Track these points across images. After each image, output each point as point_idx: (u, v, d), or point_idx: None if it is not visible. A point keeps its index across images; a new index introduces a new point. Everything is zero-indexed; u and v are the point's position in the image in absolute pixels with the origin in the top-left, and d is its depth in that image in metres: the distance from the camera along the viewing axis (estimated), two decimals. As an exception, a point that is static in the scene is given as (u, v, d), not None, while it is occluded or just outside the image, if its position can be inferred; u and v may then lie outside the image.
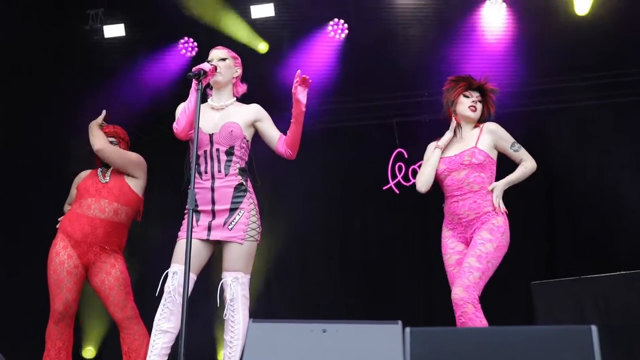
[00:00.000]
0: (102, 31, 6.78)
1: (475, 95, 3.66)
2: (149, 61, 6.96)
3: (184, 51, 6.78)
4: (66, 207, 4.50)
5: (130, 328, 4.11)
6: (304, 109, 3.29)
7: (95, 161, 4.47)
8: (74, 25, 6.86)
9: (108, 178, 4.29)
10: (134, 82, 6.98)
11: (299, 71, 3.29)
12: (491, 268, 3.28)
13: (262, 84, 6.63)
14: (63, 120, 6.76)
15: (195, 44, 6.78)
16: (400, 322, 2.15)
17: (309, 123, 6.80)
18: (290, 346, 2.05)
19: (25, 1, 6.37)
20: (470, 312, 3.14)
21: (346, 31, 6.46)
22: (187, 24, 6.70)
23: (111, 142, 4.36)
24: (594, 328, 1.48)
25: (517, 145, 3.57)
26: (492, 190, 3.44)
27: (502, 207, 3.42)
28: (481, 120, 3.68)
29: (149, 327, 3.19)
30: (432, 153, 3.61)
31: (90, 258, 4.14)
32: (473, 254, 3.27)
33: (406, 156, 6.55)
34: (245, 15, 6.52)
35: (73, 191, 4.46)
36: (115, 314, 4.15)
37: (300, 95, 3.26)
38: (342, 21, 6.44)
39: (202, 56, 6.64)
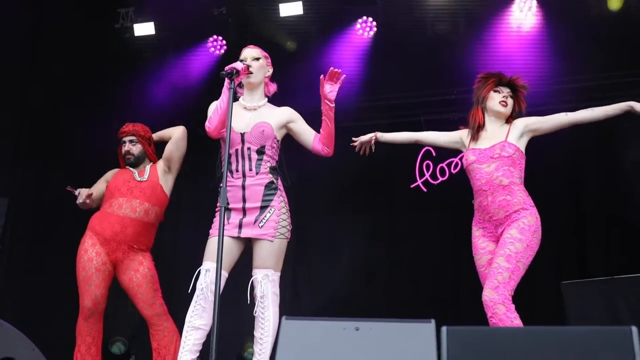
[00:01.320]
0: (133, 29, 6.85)
1: (506, 91, 3.64)
2: (178, 59, 7.01)
3: (212, 49, 6.82)
4: (81, 192, 4.32)
5: (159, 325, 4.15)
6: (332, 104, 3.30)
7: (120, 162, 4.52)
8: (105, 24, 6.93)
9: (146, 177, 4.32)
10: (163, 80, 7.04)
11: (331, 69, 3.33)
12: (521, 268, 3.23)
13: (290, 82, 6.67)
14: (95, 119, 6.85)
15: (224, 42, 6.82)
16: (433, 320, 2.14)
17: (337, 120, 6.89)
18: (323, 344, 2.05)
19: (55, 1, 6.46)
20: (501, 313, 3.10)
21: (375, 29, 6.44)
22: (216, 22, 6.74)
23: (131, 141, 4.38)
24: (634, 329, 1.45)
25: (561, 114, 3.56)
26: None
27: None
28: (512, 117, 3.65)
29: (180, 324, 3.21)
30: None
31: (118, 256, 4.18)
32: (502, 253, 3.23)
33: (434, 154, 6.51)
34: (274, 13, 6.53)
35: (101, 185, 4.46)
36: (144, 311, 4.19)
37: (328, 91, 3.28)
38: (370, 19, 6.42)
39: (230, 54, 6.73)
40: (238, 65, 3.26)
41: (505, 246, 3.24)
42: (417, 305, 6.13)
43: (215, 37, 6.84)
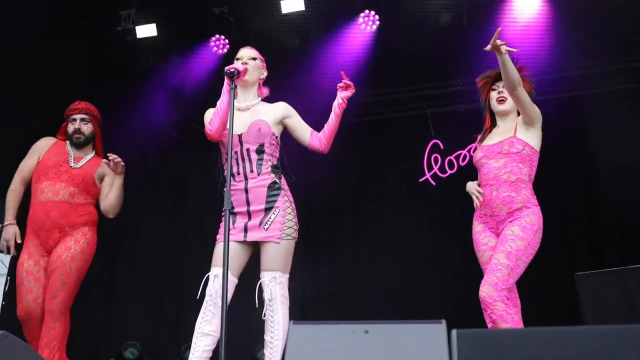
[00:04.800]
0: (135, 31, 6.82)
1: (501, 85, 3.55)
2: (181, 59, 6.99)
3: (215, 49, 6.79)
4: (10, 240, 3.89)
5: (47, 322, 3.68)
6: (341, 101, 3.32)
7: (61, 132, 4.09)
8: (107, 27, 6.91)
9: (80, 164, 3.95)
10: (167, 81, 7.03)
11: (343, 73, 3.32)
12: (521, 266, 3.16)
13: (294, 78, 6.64)
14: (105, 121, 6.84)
15: (227, 41, 6.78)
16: (444, 321, 2.09)
17: (343, 117, 6.85)
18: (332, 348, 2.01)
19: (57, 4, 6.44)
20: (501, 310, 3.04)
21: (377, 22, 6.38)
22: (218, 21, 6.71)
23: (83, 120, 4.01)
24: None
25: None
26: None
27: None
28: None
29: (192, 330, 3.14)
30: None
31: (51, 244, 3.82)
32: (502, 250, 3.16)
33: (442, 147, 6.46)
34: (275, 10, 6.49)
35: (32, 160, 4.00)
36: (45, 301, 3.72)
37: (343, 94, 3.29)
38: (372, 12, 6.36)
39: (233, 53, 6.68)
40: (239, 66, 3.22)
41: (506, 243, 3.17)
42: (428, 303, 6.06)
43: (217, 36, 6.81)
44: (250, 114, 3.33)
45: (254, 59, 3.46)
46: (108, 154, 3.82)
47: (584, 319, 4.26)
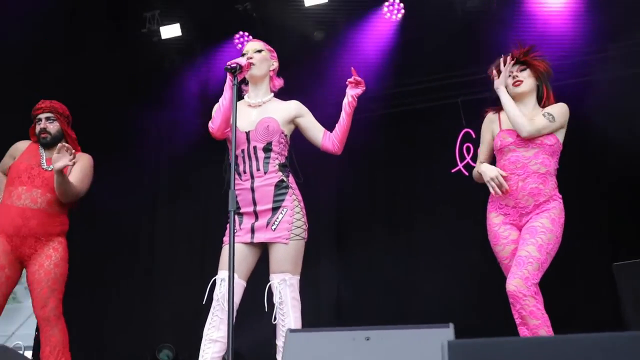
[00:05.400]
0: (159, 32, 6.81)
1: (515, 69, 3.37)
2: (207, 58, 6.95)
3: (239, 46, 6.72)
4: None
5: (45, 330, 3.67)
6: (351, 99, 3.15)
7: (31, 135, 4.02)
8: (132, 29, 6.91)
9: (52, 167, 3.80)
10: (194, 80, 7.00)
11: (353, 69, 3.18)
12: (549, 260, 3.00)
13: (319, 72, 6.52)
14: (128, 125, 6.86)
15: (251, 37, 6.70)
16: (452, 325, 1.95)
17: (371, 108, 6.71)
18: (332, 356, 1.89)
19: (83, 8, 6.45)
20: (531, 305, 2.87)
21: (402, 11, 6.23)
22: (241, 18, 6.64)
23: (48, 119, 3.93)
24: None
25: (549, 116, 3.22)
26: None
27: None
28: (546, 88, 3.35)
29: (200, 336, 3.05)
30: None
31: (25, 251, 3.76)
32: (534, 242, 2.98)
33: (474, 136, 6.22)
34: (298, 3, 6.39)
35: (7, 160, 4.01)
36: (35, 311, 3.72)
37: (351, 89, 3.14)
38: (397, 1, 6.21)
39: (258, 49, 6.65)
40: (241, 60, 3.11)
41: (537, 235, 2.99)
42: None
43: (241, 33, 6.75)
44: (260, 111, 3.22)
45: (259, 51, 3.32)
46: (59, 144, 3.71)
47: (624, 314, 4.02)
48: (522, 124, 3.12)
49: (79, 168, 3.90)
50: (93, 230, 6.35)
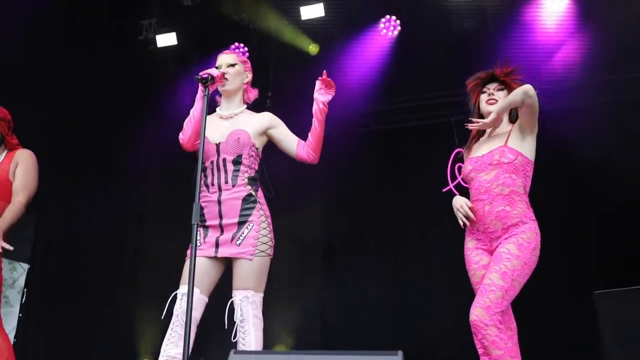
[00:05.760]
0: (155, 41, 6.80)
1: (492, 87, 3.28)
2: (202, 67, 6.89)
3: (234, 57, 6.68)
4: None
5: None
6: (322, 106, 3.07)
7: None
8: (128, 37, 6.91)
9: None
10: (187, 90, 6.96)
11: (324, 72, 3.11)
12: (516, 287, 2.87)
13: (313, 85, 6.47)
14: (126, 132, 6.85)
15: (246, 48, 6.69)
16: (400, 352, 1.88)
17: (363, 124, 6.65)
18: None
19: (81, 16, 6.44)
20: (493, 335, 2.76)
21: (399, 28, 6.21)
22: (237, 29, 6.63)
23: None
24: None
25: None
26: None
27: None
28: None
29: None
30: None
31: None
32: (497, 269, 2.87)
33: (467, 156, 6.17)
34: (295, 17, 6.38)
35: None
36: None
37: (321, 95, 3.06)
38: (394, 18, 6.20)
39: (253, 61, 6.58)
40: (214, 71, 3.05)
41: (501, 262, 2.88)
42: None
43: (237, 44, 6.72)
44: (231, 123, 3.14)
45: (233, 65, 3.27)
46: None
47: (603, 341, 3.95)
48: (515, 92, 3.00)
49: (21, 172, 3.66)
50: (74, 241, 6.30)
